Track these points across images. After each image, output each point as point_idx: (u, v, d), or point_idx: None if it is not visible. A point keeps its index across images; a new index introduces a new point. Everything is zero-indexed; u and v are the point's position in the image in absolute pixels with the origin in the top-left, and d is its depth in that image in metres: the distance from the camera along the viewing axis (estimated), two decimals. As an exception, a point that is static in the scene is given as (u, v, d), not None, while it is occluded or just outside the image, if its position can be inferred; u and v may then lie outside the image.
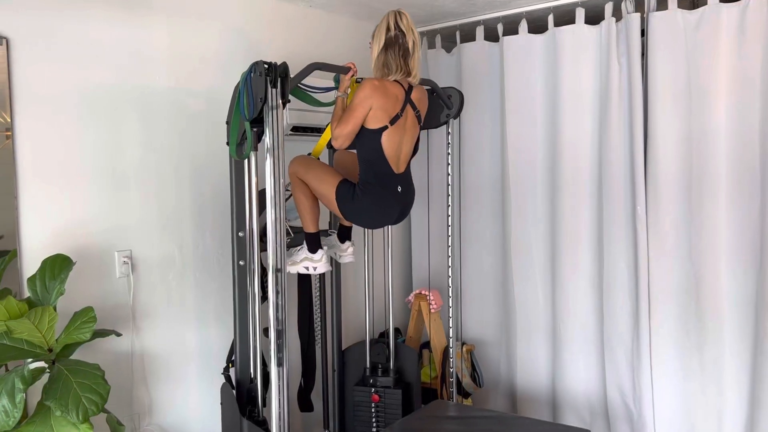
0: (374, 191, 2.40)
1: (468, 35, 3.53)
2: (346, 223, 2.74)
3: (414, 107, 2.45)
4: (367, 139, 2.37)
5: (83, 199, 2.41)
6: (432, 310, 3.27)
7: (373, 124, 2.34)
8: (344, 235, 2.76)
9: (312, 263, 2.60)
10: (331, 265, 2.89)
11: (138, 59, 2.55)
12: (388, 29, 2.36)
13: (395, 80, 2.38)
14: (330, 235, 2.82)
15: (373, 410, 2.97)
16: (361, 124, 2.33)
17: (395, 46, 2.35)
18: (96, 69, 2.42)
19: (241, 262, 2.53)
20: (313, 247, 2.59)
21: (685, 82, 2.78)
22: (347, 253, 2.76)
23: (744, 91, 2.67)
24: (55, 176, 2.33)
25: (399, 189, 2.46)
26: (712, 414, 2.80)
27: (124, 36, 2.50)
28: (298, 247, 2.64)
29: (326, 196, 2.46)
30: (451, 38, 3.63)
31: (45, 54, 2.29)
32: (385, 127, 2.34)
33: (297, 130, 2.92)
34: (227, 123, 2.49)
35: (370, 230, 3.10)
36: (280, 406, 2.17)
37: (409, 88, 2.43)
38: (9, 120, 2.21)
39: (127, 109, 2.53)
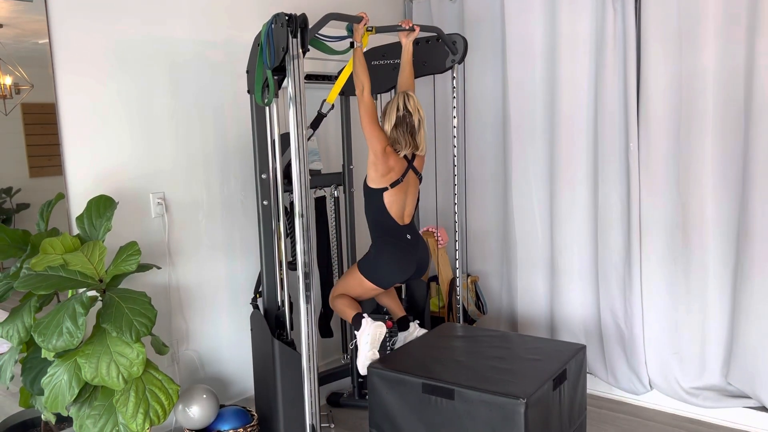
0: (386, 243, 2.70)
1: (470, -17, 3.66)
2: (399, 314, 2.95)
3: (415, 171, 2.74)
4: (372, 199, 2.67)
5: (119, 145, 2.62)
6: (439, 246, 3.51)
7: (374, 184, 2.63)
8: (404, 324, 2.93)
9: (365, 335, 2.66)
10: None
11: (163, 12, 2.72)
12: (397, 110, 2.62)
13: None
14: (395, 335, 2.98)
15: (387, 335, 3.24)
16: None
17: (404, 124, 2.61)
18: (126, 22, 2.60)
19: (265, 202, 2.76)
20: (357, 324, 2.71)
21: (675, 26, 2.94)
22: (417, 330, 2.90)
23: (730, 31, 2.83)
24: (95, 126, 2.54)
25: (408, 237, 2.73)
26: (697, 332, 3.07)
27: (149, -9, 2.67)
28: (352, 344, 2.80)
29: (357, 282, 2.73)
30: (454, -14, 3.76)
31: (79, 9, 2.46)
32: (386, 189, 2.62)
33: (309, 78, 3.10)
34: (247, 72, 2.68)
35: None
36: (308, 334, 2.43)
37: (413, 158, 2.70)
38: (51, 73, 2.41)
39: (155, 60, 2.71)
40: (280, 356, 2.63)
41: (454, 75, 3.10)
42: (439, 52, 2.98)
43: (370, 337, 2.65)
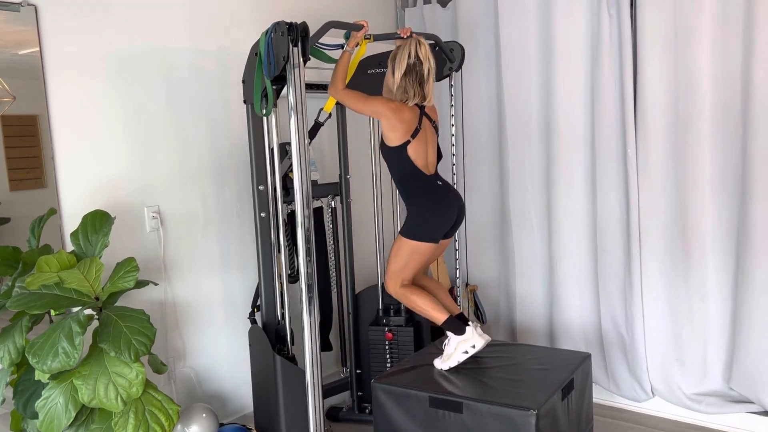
0: (421, 196, 2.61)
1: (462, -11, 3.65)
2: (456, 310, 2.76)
3: (430, 119, 2.67)
4: (396, 158, 2.59)
5: (112, 158, 2.55)
6: (437, 255, 3.47)
7: (395, 142, 2.55)
8: (463, 320, 2.73)
9: (467, 344, 2.57)
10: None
11: (156, 21, 2.66)
12: (409, 56, 2.54)
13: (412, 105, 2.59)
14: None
15: (387, 347, 3.19)
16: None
17: (413, 73, 2.54)
18: (118, 31, 2.54)
19: (263, 214, 2.70)
20: (460, 330, 2.58)
21: (671, 30, 2.94)
22: (477, 333, 2.62)
23: (726, 35, 2.83)
24: (87, 138, 2.47)
25: (439, 183, 2.66)
26: (698, 337, 3.06)
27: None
28: (444, 343, 2.65)
29: (409, 250, 2.60)
30: (446, -7, 3.75)
31: (71, 19, 2.39)
32: (408, 141, 2.55)
33: (305, 87, 3.04)
34: (243, 82, 2.63)
35: (377, 181, 3.26)
36: (311, 346, 2.37)
37: (422, 107, 2.64)
38: (42, 85, 2.33)
39: (149, 69, 2.65)
40: (282, 372, 2.56)
41: (452, 83, 3.07)
42: (437, 60, 2.94)
43: (475, 350, 2.55)
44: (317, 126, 2.85)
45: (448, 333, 2.61)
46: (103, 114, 2.51)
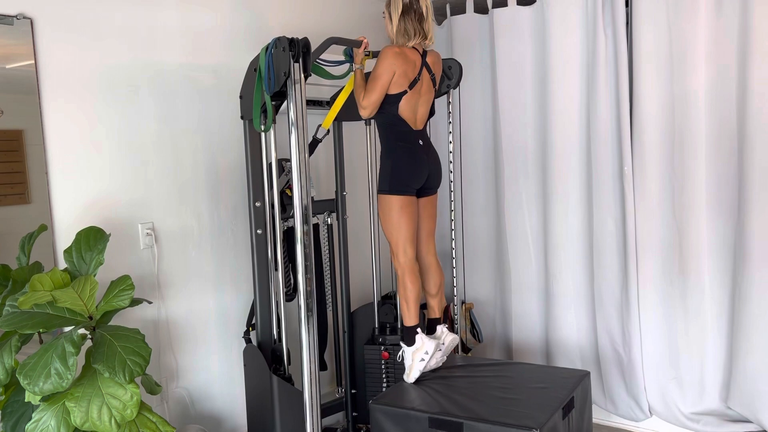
0: (398, 146, 2.58)
1: (458, 8, 3.66)
2: (433, 314, 2.83)
3: (429, 70, 2.62)
4: (386, 104, 2.54)
5: (107, 174, 2.51)
6: (432, 272, 3.44)
7: (393, 89, 2.51)
8: (433, 326, 2.82)
9: (421, 352, 2.63)
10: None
11: (151, 36, 2.63)
12: None
13: (413, 46, 2.54)
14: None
15: (383, 367, 3.15)
16: (386, 91, 2.49)
17: (411, 11, 2.52)
18: (113, 46, 2.50)
19: (259, 231, 2.66)
20: (411, 339, 2.64)
21: (667, 49, 2.97)
22: (446, 334, 2.78)
23: (721, 56, 2.86)
24: (81, 153, 2.42)
25: (420, 142, 2.64)
26: (696, 356, 3.05)
27: (139, 13, 2.58)
28: (398, 356, 2.73)
29: (392, 208, 2.59)
30: (442, 11, 3.75)
31: (66, 33, 2.36)
32: (405, 92, 2.52)
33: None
34: (240, 97, 2.60)
35: (374, 197, 3.23)
36: (311, 366, 2.32)
37: (424, 53, 2.59)
38: (38, 99, 2.29)
39: (145, 83, 2.61)
40: (278, 393, 2.51)
41: (449, 100, 3.07)
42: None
43: (428, 355, 2.62)
44: (315, 142, 2.83)
45: (402, 344, 2.69)
46: (98, 128, 2.47)
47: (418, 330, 2.65)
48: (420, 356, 2.62)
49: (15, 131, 2.32)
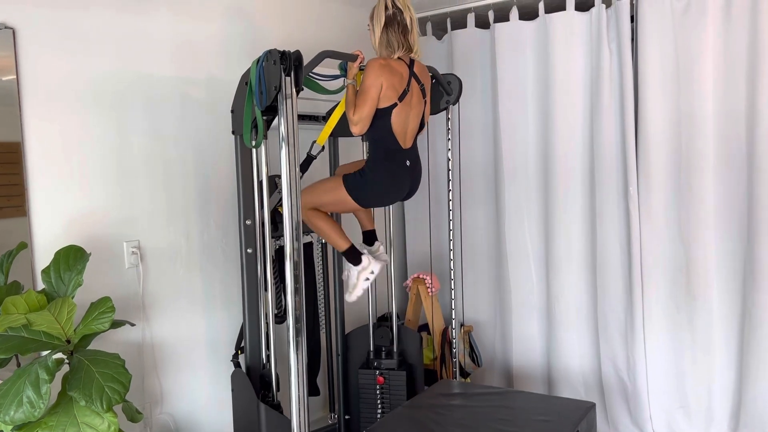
0: (384, 166, 2.49)
1: (459, 22, 3.58)
2: (369, 227, 2.81)
3: (418, 81, 2.54)
4: (377, 119, 2.44)
5: (91, 190, 2.41)
6: (431, 293, 3.33)
7: (382, 103, 2.42)
8: (370, 238, 2.81)
9: (366, 272, 2.64)
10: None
11: (140, 47, 2.54)
12: (386, 8, 2.43)
13: (399, 57, 2.45)
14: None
15: (378, 392, 3.03)
16: (376, 104, 2.40)
17: (394, 24, 2.43)
18: (100, 58, 2.41)
19: (249, 250, 2.55)
20: (357, 259, 2.62)
21: (673, 66, 2.88)
22: (379, 252, 2.80)
23: (730, 72, 2.78)
24: (64, 169, 2.33)
25: (407, 163, 2.55)
26: (703, 383, 2.94)
27: (127, 24, 2.49)
28: (344, 273, 2.71)
29: (339, 198, 2.52)
30: (442, 25, 3.68)
31: (50, 44, 2.27)
32: (395, 105, 2.43)
33: (299, 118, 2.93)
34: (232, 111, 2.50)
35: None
36: (299, 393, 2.20)
37: (412, 63, 2.51)
38: (18, 111, 2.19)
39: (132, 98, 2.52)
40: (266, 422, 2.39)
41: (449, 116, 2.97)
42: (434, 92, 2.85)
43: (374, 275, 2.62)
44: (309, 159, 2.73)
45: (347, 263, 2.66)
46: (82, 143, 2.37)
47: (365, 251, 2.64)
48: (365, 275, 2.62)
49: (6, 144, 2.22)
